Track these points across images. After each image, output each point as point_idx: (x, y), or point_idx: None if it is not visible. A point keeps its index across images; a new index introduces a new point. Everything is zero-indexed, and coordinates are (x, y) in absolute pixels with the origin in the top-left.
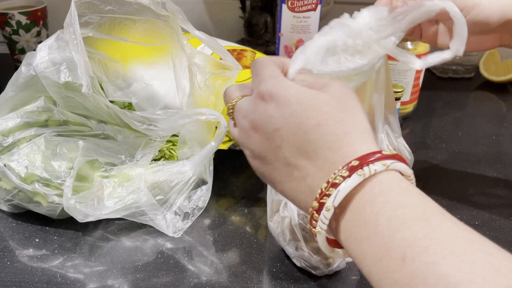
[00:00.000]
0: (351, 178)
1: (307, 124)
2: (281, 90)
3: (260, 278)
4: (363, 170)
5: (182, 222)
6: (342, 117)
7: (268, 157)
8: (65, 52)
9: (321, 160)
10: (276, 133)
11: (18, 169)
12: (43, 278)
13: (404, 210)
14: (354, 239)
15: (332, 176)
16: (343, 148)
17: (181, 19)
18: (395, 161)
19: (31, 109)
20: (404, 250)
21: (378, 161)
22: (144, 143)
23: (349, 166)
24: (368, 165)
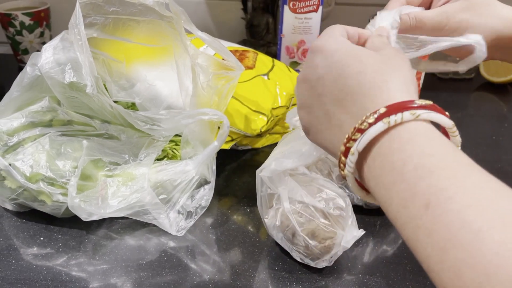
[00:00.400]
0: (376, 125)
1: (348, 72)
2: (330, 43)
3: (262, 276)
4: (389, 118)
5: (185, 221)
6: (383, 67)
7: (311, 106)
8: (70, 53)
9: (357, 107)
10: (320, 81)
11: (23, 168)
12: (47, 276)
13: (431, 159)
14: (382, 185)
15: (359, 122)
16: (378, 95)
17: (184, 20)
18: (429, 111)
19: (36, 109)
20: (428, 197)
21: (407, 110)
22: (148, 143)
23: (378, 113)
24: (396, 114)
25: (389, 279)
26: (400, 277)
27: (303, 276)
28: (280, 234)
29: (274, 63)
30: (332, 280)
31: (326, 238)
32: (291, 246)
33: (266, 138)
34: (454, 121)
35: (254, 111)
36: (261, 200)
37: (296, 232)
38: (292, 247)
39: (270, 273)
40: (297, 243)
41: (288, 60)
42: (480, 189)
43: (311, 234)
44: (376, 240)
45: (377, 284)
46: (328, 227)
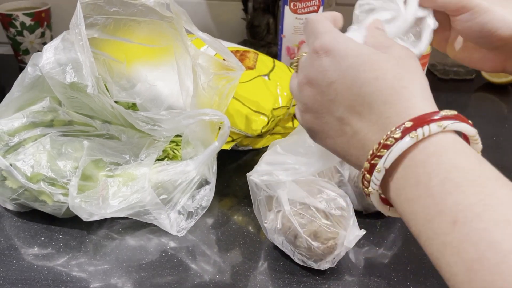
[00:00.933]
0: (403, 140)
1: (364, 78)
2: (338, 44)
3: (262, 277)
4: (416, 132)
5: (186, 221)
6: (401, 72)
7: (320, 111)
8: (70, 53)
9: (375, 114)
10: (331, 86)
11: (24, 168)
12: (48, 276)
13: (458, 173)
14: (405, 199)
15: (384, 137)
16: (399, 102)
17: (185, 21)
18: (454, 121)
19: (37, 109)
20: (456, 214)
21: (434, 122)
22: (148, 143)
23: (403, 127)
24: (423, 127)
25: (389, 280)
26: (401, 277)
27: (304, 277)
28: (281, 238)
29: (274, 64)
30: (333, 280)
31: (328, 238)
32: (293, 249)
33: (267, 138)
34: None
35: (255, 111)
36: (258, 205)
37: (298, 234)
38: (294, 250)
39: (271, 274)
40: (299, 245)
41: (288, 60)
42: (509, 206)
43: (314, 235)
44: (376, 241)
45: (378, 285)
46: (330, 227)
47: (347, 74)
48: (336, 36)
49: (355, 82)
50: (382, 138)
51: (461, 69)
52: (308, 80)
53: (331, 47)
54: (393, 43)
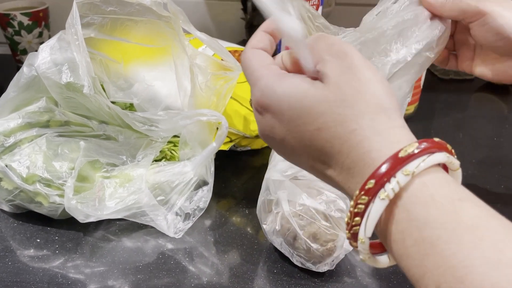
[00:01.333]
0: (374, 204)
1: (307, 131)
2: (269, 97)
3: (261, 279)
4: (385, 191)
5: (183, 223)
6: (342, 112)
7: (291, 158)
8: (67, 53)
9: (338, 165)
10: (284, 142)
11: (19, 169)
12: (44, 278)
13: (431, 230)
14: (392, 254)
15: (352, 205)
16: (352, 151)
17: (182, 20)
18: (422, 157)
19: (33, 110)
20: (437, 278)
21: (398, 170)
22: (146, 144)
23: (366, 189)
24: (389, 180)
25: (389, 282)
26: (400, 280)
27: (302, 279)
28: (280, 239)
29: None
30: (332, 283)
31: (328, 240)
32: (292, 251)
33: None
34: (455, 122)
35: None
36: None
37: (297, 235)
38: (293, 252)
39: (269, 276)
40: (298, 247)
41: None
42: (492, 266)
43: (313, 237)
44: None
45: (377, 287)
46: (329, 229)
47: (292, 129)
48: (267, 85)
49: (302, 138)
50: (350, 205)
51: None
52: (263, 134)
53: (266, 103)
54: (320, 54)
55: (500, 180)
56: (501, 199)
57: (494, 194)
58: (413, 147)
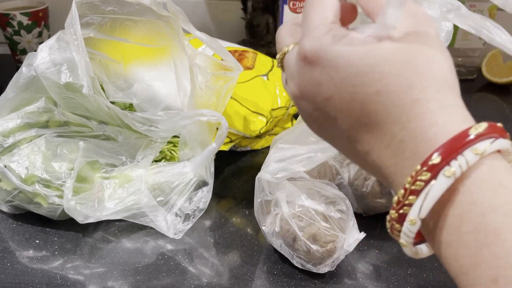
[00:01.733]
0: (437, 182)
1: (363, 93)
2: (326, 49)
3: (260, 280)
4: (451, 168)
5: (183, 224)
6: (410, 77)
7: (324, 126)
8: (66, 53)
9: (386, 135)
10: (328, 103)
11: (18, 170)
12: (43, 280)
13: (496, 216)
14: (436, 242)
15: (409, 180)
16: (412, 122)
17: (182, 20)
18: (491, 140)
19: (32, 110)
20: (496, 271)
21: (467, 148)
22: (145, 144)
23: (429, 164)
24: (456, 158)
25: (389, 283)
26: (401, 281)
27: (303, 280)
28: (280, 241)
29: (273, 64)
30: (332, 284)
31: (327, 241)
32: (292, 252)
33: (266, 139)
34: None
35: (253, 112)
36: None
37: (297, 236)
38: (292, 253)
39: (269, 277)
40: (298, 248)
41: None
42: None
43: (312, 238)
44: (376, 244)
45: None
46: (329, 230)
47: (343, 89)
48: (325, 38)
49: (353, 100)
50: (407, 181)
51: (462, 69)
52: (301, 93)
53: (319, 56)
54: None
55: None
56: None
57: None
58: (483, 127)
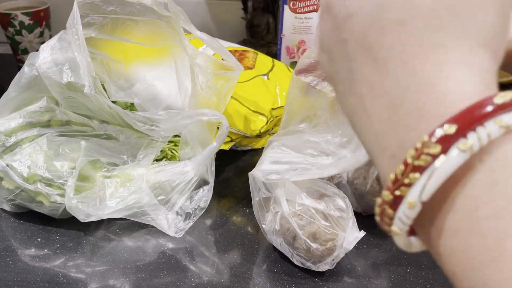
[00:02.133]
0: (449, 157)
1: (386, 19)
2: None
3: (261, 278)
4: (467, 141)
5: (184, 222)
6: (443, 16)
7: (333, 52)
8: (67, 53)
9: (388, 80)
10: (347, 21)
11: (20, 169)
12: (45, 278)
13: None
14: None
15: (411, 154)
16: (426, 68)
17: (183, 20)
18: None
19: (34, 109)
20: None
21: (489, 118)
22: (146, 144)
23: (441, 136)
24: (475, 129)
25: (389, 282)
26: (401, 279)
27: (302, 279)
28: (280, 239)
29: (274, 63)
30: (332, 282)
31: (327, 240)
32: (292, 250)
33: (266, 138)
34: None
35: (254, 111)
36: (257, 205)
37: (297, 235)
38: (292, 251)
39: (269, 275)
40: (298, 246)
41: (288, 60)
42: None
43: (312, 237)
44: (376, 242)
45: (377, 287)
46: (329, 228)
47: (368, 8)
48: None
49: (373, 23)
50: (409, 155)
51: None
52: (327, 4)
53: None
54: None
55: None
56: None
57: None
58: (508, 96)
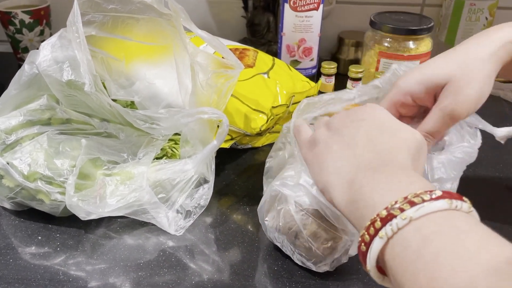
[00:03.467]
0: (374, 241)
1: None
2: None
3: (261, 276)
4: (384, 231)
5: (184, 220)
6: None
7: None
8: (68, 51)
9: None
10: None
11: (21, 167)
12: (45, 276)
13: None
14: (388, 272)
15: (362, 232)
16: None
17: (183, 18)
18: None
19: (34, 107)
20: None
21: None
22: (147, 142)
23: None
24: (385, 226)
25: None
26: None
27: (303, 277)
28: (282, 237)
29: (274, 62)
30: (332, 281)
31: (328, 239)
32: (293, 248)
33: (266, 137)
34: None
35: (254, 109)
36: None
37: (299, 233)
38: (294, 249)
39: (269, 273)
40: (300, 245)
41: (288, 58)
42: None
43: (314, 236)
44: None
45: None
46: (331, 229)
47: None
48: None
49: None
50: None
51: None
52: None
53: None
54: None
55: (501, 179)
56: (502, 197)
57: (495, 193)
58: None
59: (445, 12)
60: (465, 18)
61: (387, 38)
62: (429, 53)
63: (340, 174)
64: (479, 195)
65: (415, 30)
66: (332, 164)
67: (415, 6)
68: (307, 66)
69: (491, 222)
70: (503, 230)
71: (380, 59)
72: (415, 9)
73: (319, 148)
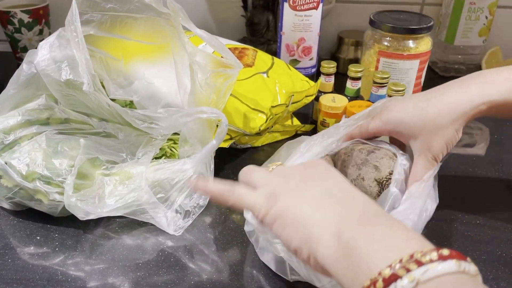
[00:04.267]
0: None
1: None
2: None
3: (260, 276)
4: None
5: (183, 220)
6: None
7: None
8: (66, 50)
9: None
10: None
11: (19, 166)
12: (44, 276)
13: None
14: None
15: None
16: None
17: (182, 17)
18: (429, 265)
19: (33, 107)
20: None
21: (403, 277)
22: (145, 141)
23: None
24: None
25: None
26: None
27: None
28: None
29: (273, 61)
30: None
31: None
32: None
33: (266, 136)
34: None
35: (253, 109)
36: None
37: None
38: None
39: (268, 273)
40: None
41: (288, 58)
42: None
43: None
44: None
45: None
46: None
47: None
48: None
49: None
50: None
51: (463, 66)
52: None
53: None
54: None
55: (501, 178)
56: (502, 197)
57: (494, 192)
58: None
59: (445, 11)
60: (465, 17)
61: (386, 37)
62: (428, 52)
63: (323, 226)
64: (479, 195)
65: (414, 29)
66: (311, 216)
67: (415, 5)
68: (306, 66)
69: (491, 222)
70: (503, 230)
71: (379, 58)
72: (415, 8)
73: (284, 201)
